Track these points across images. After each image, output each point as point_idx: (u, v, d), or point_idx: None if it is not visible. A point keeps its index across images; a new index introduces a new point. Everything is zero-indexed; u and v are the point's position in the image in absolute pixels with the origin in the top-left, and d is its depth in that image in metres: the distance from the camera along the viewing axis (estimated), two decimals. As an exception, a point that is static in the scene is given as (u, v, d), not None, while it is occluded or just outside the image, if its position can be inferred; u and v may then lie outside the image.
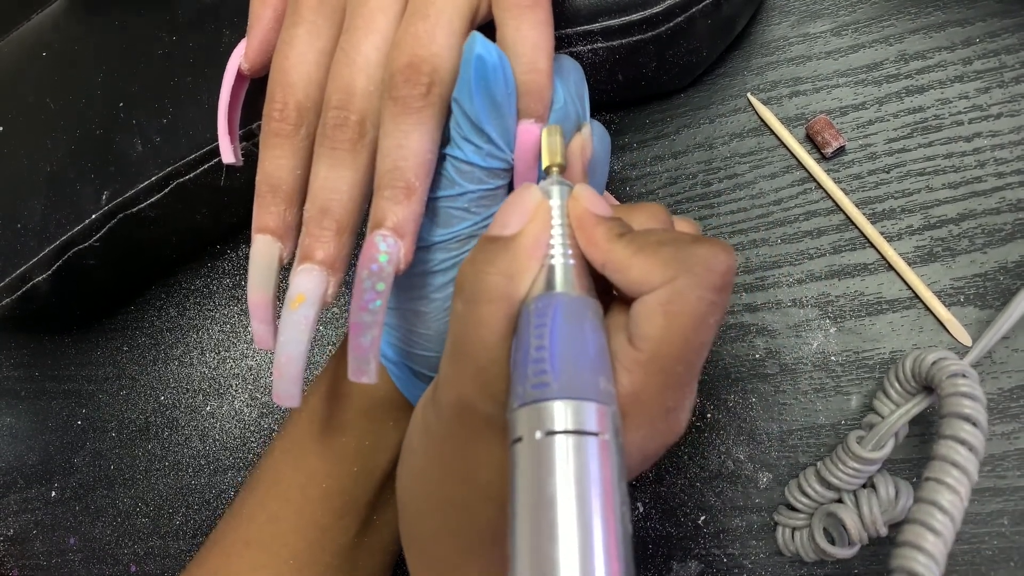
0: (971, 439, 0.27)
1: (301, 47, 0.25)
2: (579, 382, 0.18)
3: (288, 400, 0.25)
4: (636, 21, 0.32)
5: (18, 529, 0.43)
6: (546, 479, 0.17)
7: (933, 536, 0.26)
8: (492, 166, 0.24)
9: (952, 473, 0.27)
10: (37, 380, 0.45)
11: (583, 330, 0.19)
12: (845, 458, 0.32)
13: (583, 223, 0.21)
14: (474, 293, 0.20)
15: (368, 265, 0.23)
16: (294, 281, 0.24)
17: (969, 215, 0.35)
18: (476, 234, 0.25)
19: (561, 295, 0.20)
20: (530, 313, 0.19)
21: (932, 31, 0.37)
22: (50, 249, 0.36)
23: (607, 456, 0.17)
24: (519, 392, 0.18)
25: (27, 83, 0.37)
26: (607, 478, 0.17)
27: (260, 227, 0.26)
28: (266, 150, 0.25)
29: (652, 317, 0.19)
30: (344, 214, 0.25)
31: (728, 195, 0.38)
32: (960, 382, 0.28)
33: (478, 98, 0.23)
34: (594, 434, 0.17)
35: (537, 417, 0.17)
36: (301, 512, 0.30)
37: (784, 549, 0.34)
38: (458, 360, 0.20)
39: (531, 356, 0.18)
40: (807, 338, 0.36)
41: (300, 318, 0.24)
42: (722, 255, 0.19)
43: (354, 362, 0.24)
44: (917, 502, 0.27)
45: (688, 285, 0.19)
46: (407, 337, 0.27)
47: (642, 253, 0.19)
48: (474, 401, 0.20)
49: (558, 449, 0.17)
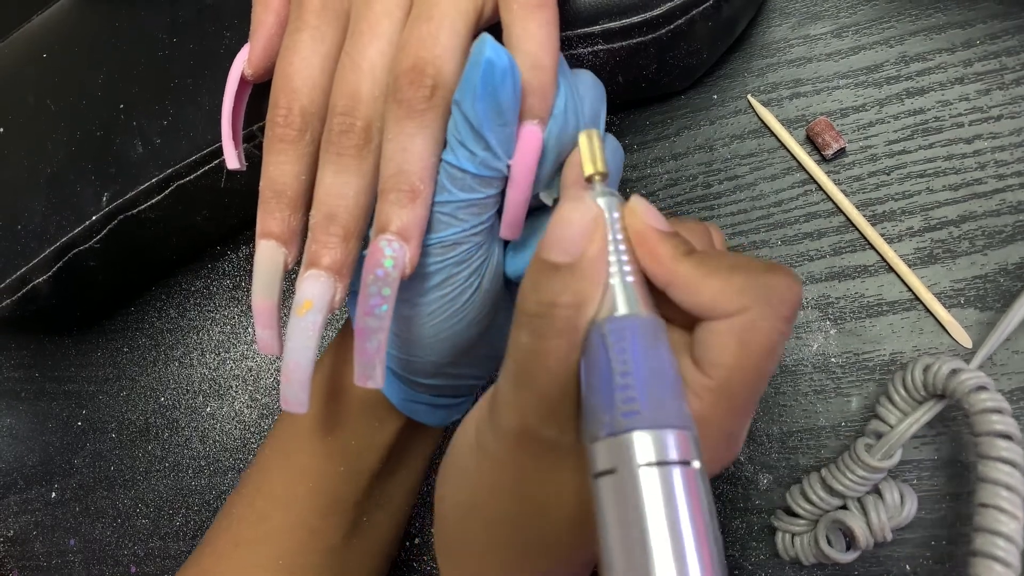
0: (1013, 455, 0.27)
1: (305, 52, 0.25)
2: (667, 409, 0.17)
3: (297, 407, 0.25)
4: (636, 23, 0.32)
5: (18, 530, 0.43)
6: (647, 512, 0.16)
7: (1002, 567, 0.26)
8: (484, 174, 0.23)
9: (1004, 495, 0.27)
10: (37, 381, 0.45)
11: (662, 352, 0.18)
12: (853, 466, 0.32)
13: (646, 239, 0.20)
14: (541, 327, 0.19)
15: (373, 270, 0.23)
16: (301, 287, 0.24)
17: (969, 217, 0.35)
18: (462, 241, 0.24)
19: (636, 316, 0.19)
20: (604, 336, 0.19)
21: (933, 33, 0.37)
22: (50, 250, 0.36)
23: (702, 484, 0.17)
24: (605, 421, 0.18)
25: (27, 84, 0.37)
26: (706, 507, 0.16)
27: (264, 232, 0.26)
28: (270, 156, 0.25)
29: (725, 345, 0.19)
30: (350, 220, 0.24)
31: (728, 197, 0.38)
32: (985, 397, 0.28)
33: (482, 103, 0.22)
34: (689, 463, 0.17)
35: (630, 448, 0.17)
36: (289, 512, 0.30)
37: (783, 553, 0.34)
38: (523, 387, 0.20)
39: (616, 383, 0.18)
40: (807, 340, 0.36)
41: (308, 324, 0.24)
42: (796, 287, 0.19)
43: (360, 367, 0.24)
44: (980, 532, 0.27)
45: (763, 316, 0.18)
46: (391, 341, 0.27)
47: (714, 277, 0.19)
48: (538, 427, 0.20)
49: (660, 480, 0.16)
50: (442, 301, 0.25)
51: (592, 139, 0.21)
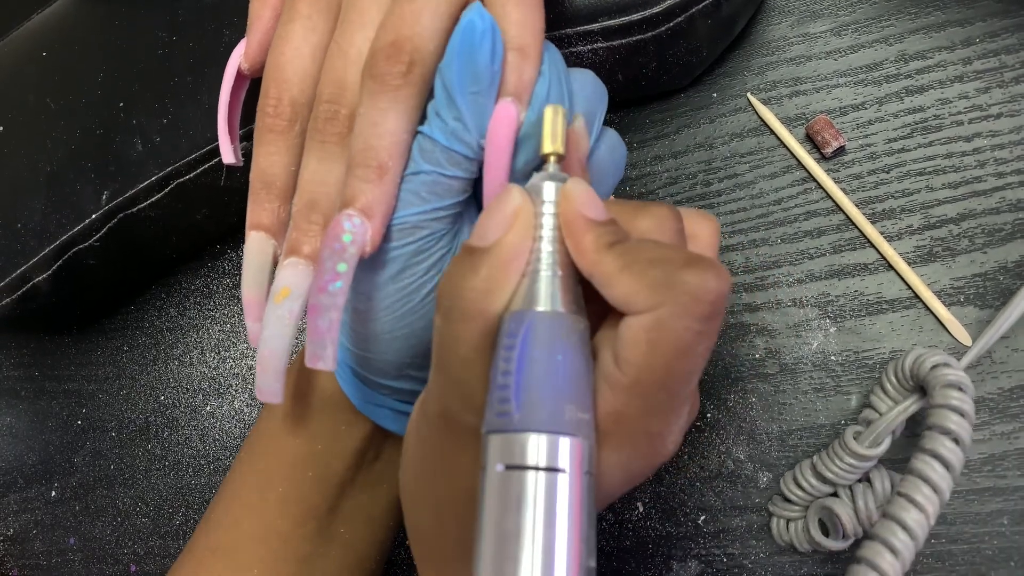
0: (950, 456, 0.27)
1: (296, 42, 0.25)
2: (543, 413, 0.17)
3: (270, 396, 0.24)
4: (636, 21, 0.32)
5: (18, 529, 0.43)
6: (506, 514, 0.16)
7: (891, 556, 0.26)
8: (454, 147, 0.22)
9: (923, 490, 0.27)
10: (37, 380, 0.45)
11: (555, 353, 0.18)
12: (842, 453, 0.32)
13: (572, 226, 0.19)
14: (450, 309, 0.19)
15: (331, 244, 0.22)
16: (279, 275, 0.24)
17: (969, 215, 0.35)
18: (421, 225, 0.23)
19: (535, 313, 0.18)
20: (502, 333, 0.18)
21: (932, 31, 0.37)
22: (50, 249, 0.36)
23: (573, 490, 0.17)
24: (487, 418, 0.18)
25: (27, 83, 0.37)
26: (571, 513, 0.16)
27: (254, 224, 0.26)
28: (260, 146, 0.25)
29: (635, 342, 0.18)
30: (332, 208, 0.24)
31: (728, 195, 0.38)
32: (952, 395, 0.28)
33: (458, 64, 0.22)
34: (556, 470, 0.17)
35: (499, 448, 0.17)
36: (261, 518, 0.29)
37: (778, 539, 0.34)
38: (439, 372, 0.20)
39: (497, 382, 0.18)
40: (807, 338, 0.36)
41: (284, 312, 0.24)
42: (712, 282, 0.18)
43: (311, 346, 0.23)
44: (883, 518, 0.27)
45: (673, 315, 0.18)
46: (348, 335, 0.26)
47: (629, 271, 0.18)
48: (457, 412, 0.20)
49: (517, 485, 0.17)
50: (399, 294, 0.24)
51: (556, 115, 0.20)
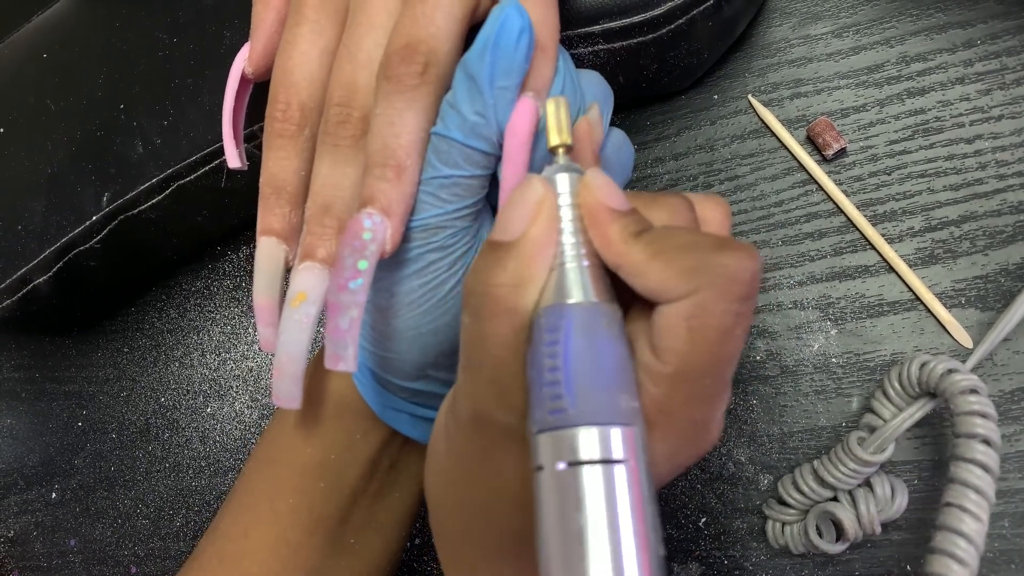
0: (987, 460, 0.27)
1: (304, 46, 0.25)
2: (598, 405, 0.17)
3: (288, 401, 0.24)
4: (637, 23, 0.32)
5: (18, 530, 0.43)
6: (572, 512, 0.16)
7: (959, 566, 0.26)
8: (472, 144, 0.22)
9: (971, 497, 0.27)
10: (38, 381, 0.45)
11: (600, 344, 0.17)
12: (845, 459, 0.32)
13: (596, 218, 0.19)
14: (479, 307, 0.19)
15: (351, 242, 0.22)
16: (295, 279, 0.24)
17: (970, 217, 0.35)
18: (444, 225, 0.23)
19: (573, 306, 0.18)
20: (541, 328, 0.18)
21: (933, 33, 0.37)
22: (51, 251, 0.36)
23: (633, 482, 0.16)
24: (537, 417, 0.17)
25: (27, 84, 0.37)
26: (635, 505, 0.16)
27: (265, 229, 0.26)
28: (269, 151, 0.25)
29: (675, 331, 0.18)
30: (346, 211, 0.24)
31: (729, 197, 0.38)
32: (973, 400, 0.28)
33: (492, 57, 0.21)
34: (618, 461, 0.16)
35: (557, 446, 0.16)
36: (270, 528, 0.28)
37: (773, 541, 0.34)
38: (471, 372, 0.19)
39: (545, 378, 0.17)
40: (808, 340, 0.36)
41: (301, 316, 0.24)
42: (747, 261, 0.17)
43: (331, 346, 0.22)
44: (941, 530, 0.27)
45: (712, 298, 0.17)
46: (368, 336, 0.26)
47: (661, 258, 0.18)
48: (491, 412, 0.19)
49: (581, 480, 0.16)
50: (422, 290, 0.24)
51: (560, 107, 0.20)
